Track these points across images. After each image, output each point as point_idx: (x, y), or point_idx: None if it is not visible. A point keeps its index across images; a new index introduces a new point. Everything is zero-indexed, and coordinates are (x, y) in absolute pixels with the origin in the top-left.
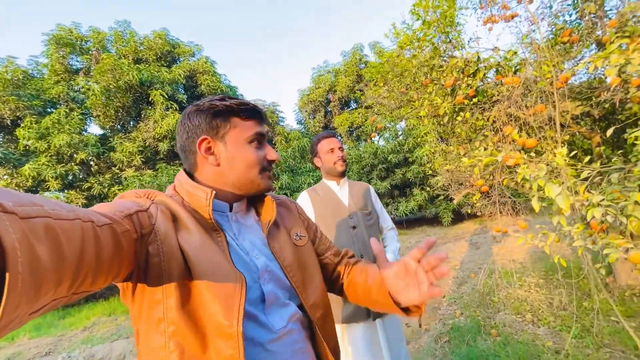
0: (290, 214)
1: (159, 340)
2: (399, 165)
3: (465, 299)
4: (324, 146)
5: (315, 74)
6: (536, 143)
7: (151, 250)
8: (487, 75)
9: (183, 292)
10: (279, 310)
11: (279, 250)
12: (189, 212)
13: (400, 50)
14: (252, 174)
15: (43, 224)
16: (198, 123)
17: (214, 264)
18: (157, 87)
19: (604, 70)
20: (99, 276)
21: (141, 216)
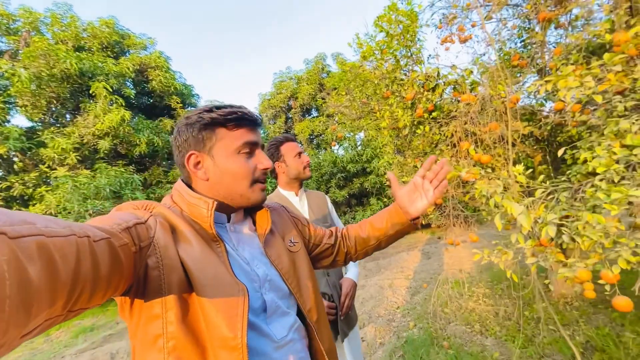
0: (282, 220)
1: (157, 357)
2: (357, 175)
3: (418, 310)
4: (290, 150)
5: (277, 79)
6: (490, 159)
7: (150, 264)
8: (445, 91)
9: (183, 305)
10: (280, 319)
11: (276, 258)
12: (189, 223)
13: (363, 61)
14: (242, 187)
15: (35, 243)
16: (186, 138)
17: (215, 275)
18: (101, 79)
19: (546, 94)
20: (96, 292)
21: (140, 229)
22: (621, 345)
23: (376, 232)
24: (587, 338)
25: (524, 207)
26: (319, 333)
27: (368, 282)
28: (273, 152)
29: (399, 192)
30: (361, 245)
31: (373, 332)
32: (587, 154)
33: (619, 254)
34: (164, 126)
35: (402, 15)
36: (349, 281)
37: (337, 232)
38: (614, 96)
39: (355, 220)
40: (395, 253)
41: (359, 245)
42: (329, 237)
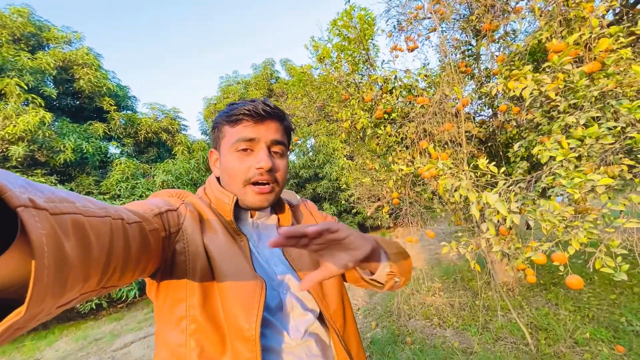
0: (308, 216)
1: (179, 338)
2: (309, 181)
3: (378, 310)
4: None
5: (223, 83)
6: (448, 157)
7: (178, 249)
8: (402, 94)
9: (205, 292)
10: (297, 320)
11: (296, 258)
12: (216, 214)
13: (319, 63)
14: (236, 187)
15: (72, 220)
16: (211, 137)
17: (236, 266)
18: (13, 74)
19: (496, 96)
20: (126, 272)
21: (170, 215)
22: (559, 322)
23: None
24: (530, 319)
25: (497, 195)
26: (345, 339)
27: None
28: None
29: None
30: None
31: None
32: (538, 148)
33: (574, 236)
34: (95, 130)
35: (358, 21)
36: None
37: None
38: (556, 96)
39: None
40: None
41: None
42: None
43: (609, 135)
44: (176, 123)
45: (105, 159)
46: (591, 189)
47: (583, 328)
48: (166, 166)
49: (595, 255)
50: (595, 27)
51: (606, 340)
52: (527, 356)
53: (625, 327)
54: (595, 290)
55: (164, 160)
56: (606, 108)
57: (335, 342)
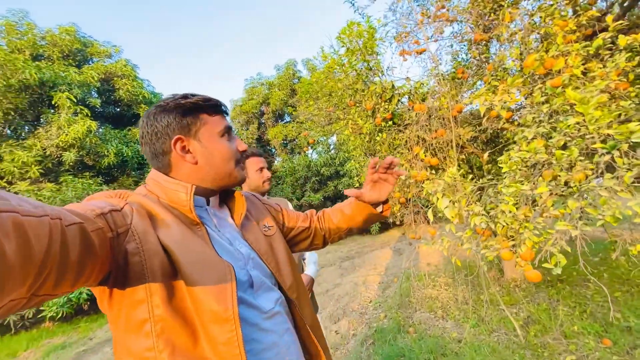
0: (255, 206)
1: (144, 343)
2: (331, 178)
3: (389, 302)
4: (252, 164)
5: (248, 85)
6: (438, 162)
7: (130, 250)
8: (402, 100)
9: (168, 288)
10: (266, 294)
11: (254, 241)
12: (167, 209)
13: (328, 72)
14: (229, 167)
15: (11, 220)
16: (167, 123)
17: (200, 255)
18: (63, 89)
19: None
20: (64, 278)
21: (115, 215)
22: (554, 316)
23: (346, 219)
24: (528, 314)
25: (450, 201)
26: (301, 308)
27: (344, 280)
28: None
29: (364, 192)
30: (345, 221)
31: (347, 325)
32: (504, 156)
33: (527, 236)
34: (133, 135)
35: (359, 33)
36: (307, 277)
37: (313, 215)
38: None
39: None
40: (369, 252)
41: (344, 221)
42: (303, 221)
43: (543, 152)
44: None
45: (142, 161)
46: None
47: (576, 323)
48: None
49: (543, 252)
50: (560, 45)
51: (595, 334)
52: (515, 345)
53: (620, 324)
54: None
55: None
56: (557, 123)
57: (294, 313)
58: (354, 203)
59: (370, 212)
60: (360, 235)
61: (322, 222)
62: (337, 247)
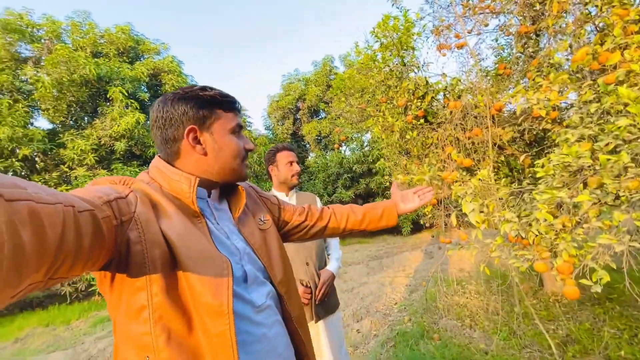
0: (253, 200)
1: (142, 328)
2: (363, 175)
3: (414, 306)
4: (283, 157)
5: (285, 81)
6: (471, 163)
7: (132, 238)
8: (437, 98)
9: (167, 277)
10: (259, 288)
11: (249, 235)
12: (169, 199)
13: (362, 69)
14: (236, 163)
15: (27, 208)
16: (184, 111)
17: (199, 248)
18: (117, 83)
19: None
20: (77, 262)
21: (120, 203)
22: (598, 338)
23: (370, 217)
24: (567, 332)
25: (479, 205)
26: (289, 302)
27: (370, 279)
28: (270, 156)
29: (397, 193)
30: (352, 225)
31: (369, 325)
32: (543, 160)
33: (564, 248)
34: None
35: (394, 27)
36: (328, 272)
37: (311, 209)
38: (579, 107)
39: None
40: (399, 252)
41: (349, 225)
42: (299, 215)
43: (588, 156)
44: (243, 120)
45: None
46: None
47: (624, 347)
48: None
49: (582, 266)
50: (618, 37)
51: None
52: None
53: None
54: None
55: None
56: (606, 125)
57: (283, 306)
58: (382, 205)
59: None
60: (391, 234)
61: (333, 216)
62: (366, 245)
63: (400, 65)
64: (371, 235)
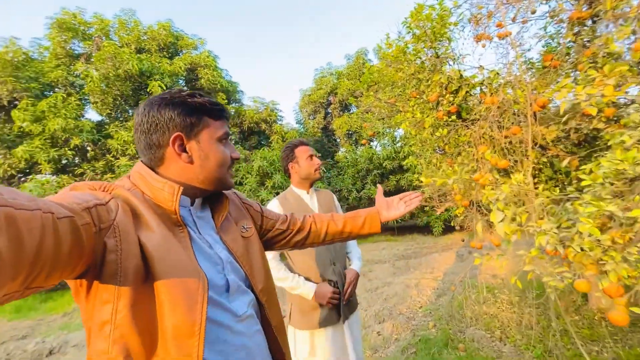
0: (236, 206)
1: (102, 345)
2: (393, 172)
3: (440, 311)
4: (302, 152)
5: (317, 75)
6: (508, 164)
7: (109, 246)
8: (472, 92)
9: (137, 292)
10: (241, 297)
11: (231, 242)
12: (150, 207)
13: (392, 61)
14: (222, 172)
15: (3, 213)
16: (170, 117)
17: (177, 262)
18: (157, 78)
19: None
20: (55, 271)
21: (100, 210)
22: None
23: (351, 226)
24: (614, 356)
25: (505, 215)
26: (270, 310)
27: (395, 279)
28: (288, 153)
29: (382, 200)
30: (332, 234)
31: (390, 328)
32: (592, 165)
33: (612, 268)
34: None
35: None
36: (353, 272)
37: (293, 218)
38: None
39: None
40: (427, 253)
41: (329, 234)
42: (281, 223)
43: None
44: (274, 114)
45: None
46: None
47: None
48: (263, 153)
49: (635, 291)
50: None
51: None
52: None
53: None
54: None
55: (263, 147)
56: None
57: (263, 315)
58: (365, 214)
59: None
60: (421, 234)
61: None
62: (394, 243)
63: (433, 58)
64: (400, 233)
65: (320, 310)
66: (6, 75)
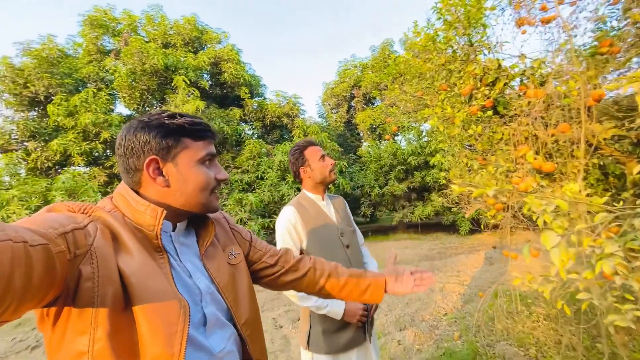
0: (224, 231)
1: None
2: (418, 168)
3: (467, 321)
4: (313, 154)
5: (341, 67)
6: (554, 168)
7: (85, 274)
8: (511, 85)
9: (116, 320)
10: (219, 331)
11: (215, 271)
12: (130, 230)
13: (421, 50)
14: (203, 197)
15: None
16: (146, 140)
17: (157, 289)
18: (181, 72)
19: None
20: (24, 302)
21: (77, 234)
22: None
23: (351, 287)
24: None
25: (562, 238)
26: (251, 345)
27: None
28: (297, 156)
29: (393, 268)
30: (330, 289)
31: (412, 337)
32: None
33: None
34: (234, 115)
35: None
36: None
37: (287, 254)
38: None
39: (414, 215)
40: (453, 254)
41: (327, 288)
42: (270, 257)
43: None
44: (296, 108)
45: (239, 139)
46: None
47: None
48: (284, 148)
49: None
50: None
51: None
52: None
53: None
54: None
55: (285, 141)
56: None
57: (245, 350)
58: (371, 280)
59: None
60: (447, 233)
61: (311, 270)
62: (417, 242)
63: (466, 46)
64: (424, 231)
65: (346, 331)
66: (42, 72)
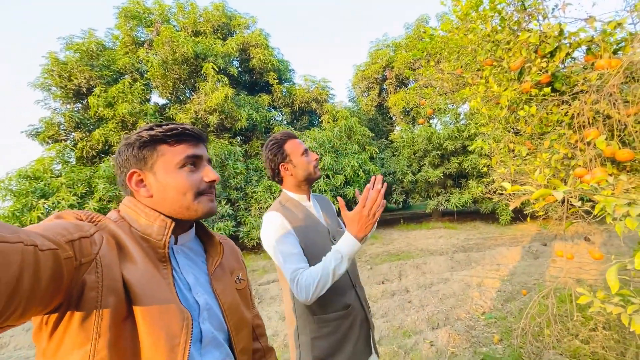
0: (234, 256)
1: None
2: (455, 153)
3: (509, 321)
4: (294, 147)
5: (372, 48)
6: (632, 156)
7: (89, 283)
8: (573, 55)
9: (117, 331)
10: (214, 351)
11: (221, 291)
12: (136, 240)
13: (461, 20)
14: (186, 201)
15: None
16: (126, 157)
17: (161, 300)
18: (210, 60)
19: None
20: (30, 307)
21: (84, 243)
22: None
23: None
24: None
25: None
26: None
27: (453, 276)
28: (276, 152)
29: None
30: None
31: (446, 338)
32: None
33: None
34: (262, 102)
35: None
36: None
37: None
38: None
39: (450, 203)
40: (492, 246)
41: None
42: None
43: None
44: (325, 93)
45: (268, 126)
46: None
47: None
48: (312, 134)
49: None
50: None
51: None
52: None
53: None
54: None
55: (314, 127)
56: None
57: None
58: None
59: None
60: (485, 222)
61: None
62: (453, 232)
63: (518, 11)
64: (460, 220)
65: (343, 351)
66: (83, 65)
